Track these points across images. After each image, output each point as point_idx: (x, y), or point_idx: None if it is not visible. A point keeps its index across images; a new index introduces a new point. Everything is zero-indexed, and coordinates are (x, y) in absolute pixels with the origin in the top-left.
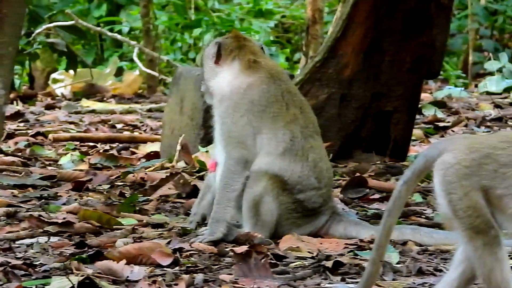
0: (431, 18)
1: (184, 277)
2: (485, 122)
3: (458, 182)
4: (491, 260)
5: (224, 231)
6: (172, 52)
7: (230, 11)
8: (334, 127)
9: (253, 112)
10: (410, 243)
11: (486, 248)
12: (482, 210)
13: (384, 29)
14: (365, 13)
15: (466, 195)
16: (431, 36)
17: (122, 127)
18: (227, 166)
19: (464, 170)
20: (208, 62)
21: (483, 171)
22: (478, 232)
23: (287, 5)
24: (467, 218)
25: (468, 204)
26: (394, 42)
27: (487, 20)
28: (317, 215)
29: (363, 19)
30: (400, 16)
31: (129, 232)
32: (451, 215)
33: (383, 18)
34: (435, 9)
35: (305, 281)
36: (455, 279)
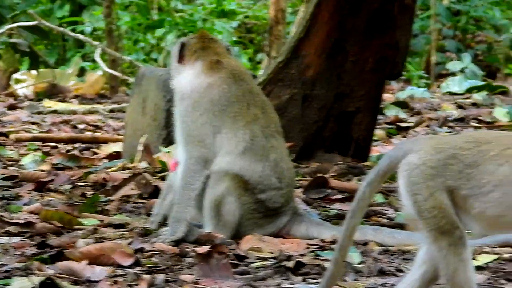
0: (394, 18)
1: (146, 278)
2: (447, 122)
3: (424, 183)
4: (455, 261)
5: (185, 231)
6: (135, 52)
7: (193, 11)
8: (296, 127)
9: (213, 111)
10: (371, 243)
11: (451, 248)
12: (447, 211)
13: (347, 30)
14: (328, 14)
15: (431, 195)
16: (394, 36)
17: (84, 128)
18: (187, 165)
19: (430, 170)
20: (172, 61)
21: (449, 172)
22: (443, 233)
23: (250, 5)
24: (432, 218)
25: (433, 205)
26: (357, 42)
27: (450, 20)
28: (279, 215)
29: (326, 19)
30: (363, 16)
31: (90, 233)
32: (416, 216)
33: (346, 19)
34: (398, 10)
35: (266, 282)
36: (417, 279)
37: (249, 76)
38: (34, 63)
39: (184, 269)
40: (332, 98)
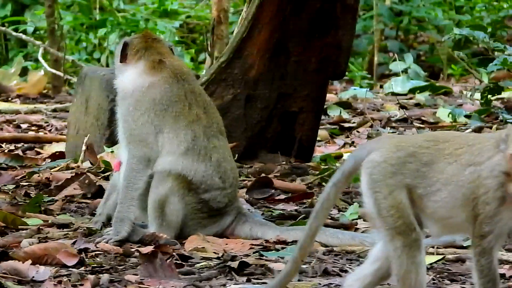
0: (337, 19)
1: (90, 278)
2: (390, 123)
3: (383, 181)
4: (408, 263)
5: (128, 230)
6: (77, 52)
7: (135, 11)
8: (239, 127)
9: (155, 111)
10: (315, 243)
11: (405, 249)
12: (405, 211)
13: (290, 30)
14: (271, 14)
15: (390, 193)
16: (336, 37)
17: (27, 127)
18: (130, 164)
19: (390, 168)
20: (115, 61)
21: (407, 170)
22: (399, 233)
23: (192, 5)
24: (389, 217)
25: (392, 204)
26: (299, 42)
27: (392, 21)
28: (223, 215)
29: (268, 19)
30: (305, 16)
31: (34, 232)
32: (375, 214)
33: (288, 19)
34: (341, 10)
35: (210, 282)
36: (368, 274)
37: (191, 76)
38: None
39: (129, 269)
40: (275, 98)
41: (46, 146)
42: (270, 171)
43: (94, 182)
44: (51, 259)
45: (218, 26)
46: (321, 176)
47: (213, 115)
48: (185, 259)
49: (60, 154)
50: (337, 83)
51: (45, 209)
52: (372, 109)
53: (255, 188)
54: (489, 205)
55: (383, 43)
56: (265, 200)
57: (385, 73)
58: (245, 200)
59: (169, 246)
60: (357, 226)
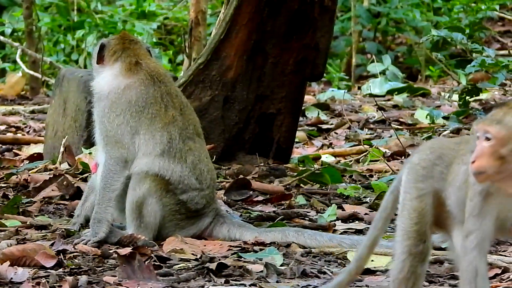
0: (315, 20)
1: (68, 279)
2: (368, 124)
3: (415, 183)
4: (409, 271)
5: (106, 231)
6: (55, 53)
7: (113, 13)
8: (217, 129)
9: (130, 112)
10: (293, 245)
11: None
12: (424, 218)
13: (267, 31)
14: (248, 15)
15: (418, 197)
16: (314, 38)
17: (5, 129)
18: (107, 166)
19: (421, 171)
20: (93, 62)
21: (435, 173)
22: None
23: (170, 7)
24: (408, 220)
25: (416, 207)
26: (277, 44)
27: (370, 22)
28: (201, 216)
29: (246, 21)
30: (283, 18)
31: (12, 234)
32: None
33: (266, 21)
34: (319, 11)
35: (189, 283)
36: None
37: (168, 78)
38: None
39: (107, 271)
40: (253, 100)
41: (24, 147)
42: (248, 173)
43: (72, 183)
44: (30, 261)
45: (196, 27)
46: (299, 178)
47: (189, 116)
48: (163, 261)
49: (38, 155)
50: (315, 84)
51: (23, 210)
52: (350, 110)
53: (233, 189)
54: (472, 202)
55: (361, 44)
56: (243, 202)
57: (363, 74)
58: (223, 201)
59: (147, 247)
60: (335, 227)
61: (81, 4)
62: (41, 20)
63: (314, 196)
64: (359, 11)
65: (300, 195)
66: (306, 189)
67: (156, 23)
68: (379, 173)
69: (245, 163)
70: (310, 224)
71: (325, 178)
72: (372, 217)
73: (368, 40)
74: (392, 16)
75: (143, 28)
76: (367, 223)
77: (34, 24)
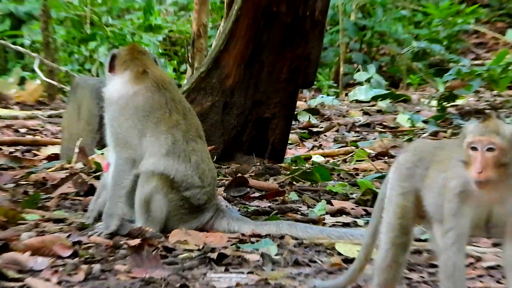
0: (306, 33)
1: (83, 267)
2: (354, 127)
3: (400, 182)
4: (392, 259)
5: (117, 224)
6: (70, 63)
7: (122, 26)
8: (217, 132)
9: (138, 116)
10: (287, 237)
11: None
12: (407, 214)
13: (263, 43)
14: (245, 28)
15: (402, 194)
16: (305, 49)
17: (25, 132)
18: (117, 165)
19: (405, 171)
20: (105, 71)
21: (417, 174)
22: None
23: (174, 20)
24: (393, 214)
25: (400, 204)
26: (272, 54)
27: (357, 34)
28: (203, 211)
29: (243, 33)
30: (277, 31)
31: (32, 227)
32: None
33: (261, 33)
34: (310, 25)
35: (192, 271)
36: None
37: (172, 85)
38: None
39: (118, 260)
40: (250, 105)
41: (43, 148)
42: (246, 171)
43: (86, 181)
44: (48, 251)
45: (198, 39)
46: (292, 176)
47: (192, 120)
48: (169, 251)
49: (55, 156)
50: (306, 91)
51: (42, 205)
52: (338, 115)
53: (232, 186)
54: (451, 203)
55: (348, 55)
56: (241, 198)
57: (350, 82)
58: (223, 197)
59: (154, 239)
60: (324, 221)
61: (93, 18)
62: (57, 33)
63: (306, 193)
64: (346, 24)
65: (293, 191)
66: (298, 186)
67: (161, 35)
68: (364, 172)
69: (242, 163)
70: (302, 218)
71: (316, 176)
72: (358, 211)
73: (355, 51)
74: (376, 29)
75: (150, 40)
76: (353, 216)
77: (50, 36)
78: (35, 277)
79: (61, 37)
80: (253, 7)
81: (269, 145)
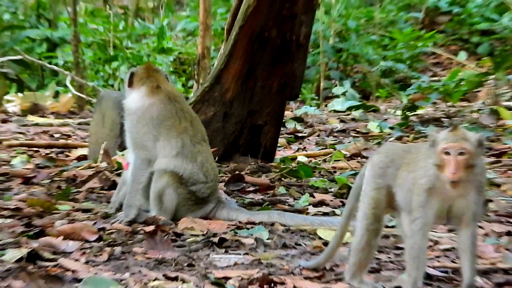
0: (292, 54)
1: (106, 249)
2: (333, 133)
3: (373, 178)
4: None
5: (135, 213)
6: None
7: (140, 48)
8: (219, 136)
9: (153, 124)
10: (276, 224)
11: (367, 232)
12: (379, 206)
13: (257, 62)
14: (242, 50)
15: (375, 189)
16: (292, 68)
17: (59, 136)
18: (135, 164)
19: (378, 170)
20: (125, 86)
21: (389, 173)
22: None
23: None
24: (367, 205)
25: (373, 197)
26: (264, 72)
27: (334, 56)
28: (206, 203)
29: (240, 55)
30: (268, 52)
31: (64, 216)
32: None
33: (255, 54)
34: (295, 47)
35: (197, 253)
36: None
37: (181, 98)
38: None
39: (136, 243)
40: (246, 115)
41: (73, 150)
42: (242, 169)
43: (109, 178)
44: (77, 236)
45: (203, 60)
46: (280, 173)
47: (198, 127)
48: (178, 236)
49: (83, 156)
50: (293, 103)
51: (73, 198)
52: (319, 122)
53: (231, 182)
54: (419, 196)
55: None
56: (239, 191)
57: (329, 95)
58: (223, 191)
59: (166, 226)
60: (308, 211)
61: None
62: (85, 54)
63: (292, 187)
64: (325, 47)
65: (282, 186)
66: (286, 182)
67: (172, 56)
68: (341, 170)
69: (239, 162)
70: (289, 208)
71: (300, 173)
72: (336, 203)
73: (333, 69)
74: (351, 51)
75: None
76: (332, 207)
77: (80, 57)
78: (66, 257)
79: (89, 58)
80: (248, 33)
81: (262, 147)
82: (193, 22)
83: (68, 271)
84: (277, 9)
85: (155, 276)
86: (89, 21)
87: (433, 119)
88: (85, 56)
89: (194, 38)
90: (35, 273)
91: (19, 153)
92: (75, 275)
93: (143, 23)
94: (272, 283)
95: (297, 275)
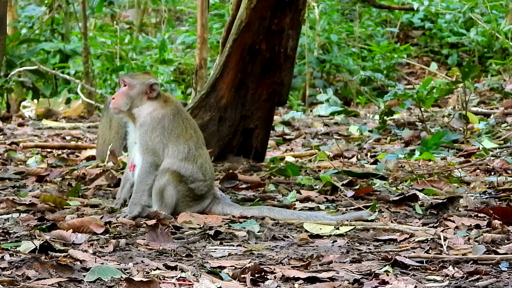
0: (280, 64)
1: (112, 241)
2: (317, 135)
3: None
4: None
5: (139, 210)
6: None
7: (144, 59)
8: (214, 139)
9: (164, 133)
10: (266, 218)
11: None
12: None
13: (248, 72)
14: (235, 61)
15: None
16: (280, 76)
17: (70, 139)
18: (144, 167)
19: None
20: (141, 96)
21: None
22: None
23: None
24: None
25: None
26: (255, 80)
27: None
28: (203, 199)
29: (234, 65)
30: (259, 63)
31: (74, 210)
32: None
33: (247, 65)
34: (283, 59)
35: (195, 244)
36: None
37: (183, 107)
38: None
39: (139, 236)
40: (238, 119)
41: (83, 151)
42: (236, 169)
43: (115, 176)
44: (86, 229)
45: (200, 70)
46: (270, 172)
47: (198, 133)
48: (177, 229)
49: (92, 157)
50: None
51: (82, 194)
52: (305, 126)
53: (225, 180)
54: None
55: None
56: (232, 188)
57: (314, 101)
58: (219, 188)
59: (166, 220)
60: (295, 206)
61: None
62: (95, 65)
63: (281, 185)
64: (310, 58)
65: (271, 184)
66: (275, 180)
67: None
68: (325, 169)
69: (233, 162)
70: (278, 203)
71: (288, 172)
72: (320, 199)
73: (317, 78)
74: (333, 62)
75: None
76: (317, 203)
77: (89, 68)
78: (76, 248)
79: (97, 68)
80: (241, 46)
81: (253, 148)
82: (191, 36)
83: (77, 261)
84: (267, 24)
85: (156, 266)
86: (98, 35)
87: (408, 123)
88: (94, 66)
89: (192, 50)
90: (47, 262)
91: (34, 153)
92: (84, 265)
93: (147, 37)
94: (262, 272)
95: (285, 265)
